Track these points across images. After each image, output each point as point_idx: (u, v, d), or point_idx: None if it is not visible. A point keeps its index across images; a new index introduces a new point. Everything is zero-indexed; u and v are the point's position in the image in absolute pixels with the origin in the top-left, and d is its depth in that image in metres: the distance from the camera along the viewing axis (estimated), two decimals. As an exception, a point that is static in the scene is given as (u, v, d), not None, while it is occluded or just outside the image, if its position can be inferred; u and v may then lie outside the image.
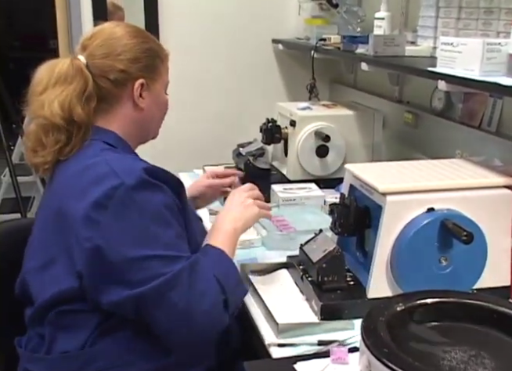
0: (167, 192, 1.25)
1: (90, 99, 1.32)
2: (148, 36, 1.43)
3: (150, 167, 1.27)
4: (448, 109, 2.09)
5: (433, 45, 1.95)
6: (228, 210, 1.44)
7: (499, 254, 1.40)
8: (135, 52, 1.36)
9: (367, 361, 0.97)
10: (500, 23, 1.66)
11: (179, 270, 1.18)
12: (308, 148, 2.17)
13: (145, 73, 1.37)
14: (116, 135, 1.36)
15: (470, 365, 0.98)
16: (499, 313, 1.09)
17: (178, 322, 1.17)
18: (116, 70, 1.34)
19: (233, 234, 1.38)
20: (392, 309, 1.08)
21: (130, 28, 1.41)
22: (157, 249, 1.19)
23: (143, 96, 1.37)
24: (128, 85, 1.35)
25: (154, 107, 1.41)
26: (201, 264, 1.22)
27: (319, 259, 1.40)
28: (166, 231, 1.22)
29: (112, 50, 1.35)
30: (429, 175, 1.42)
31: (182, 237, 1.26)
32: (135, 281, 1.17)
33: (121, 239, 1.18)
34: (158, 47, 1.43)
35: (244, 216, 1.42)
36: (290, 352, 1.25)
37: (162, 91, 1.43)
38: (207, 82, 2.90)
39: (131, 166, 1.25)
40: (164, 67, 1.43)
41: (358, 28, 2.43)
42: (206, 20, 2.83)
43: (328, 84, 3.02)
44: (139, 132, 1.42)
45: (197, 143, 2.90)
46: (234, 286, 1.26)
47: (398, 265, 1.34)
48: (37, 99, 1.31)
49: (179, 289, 1.17)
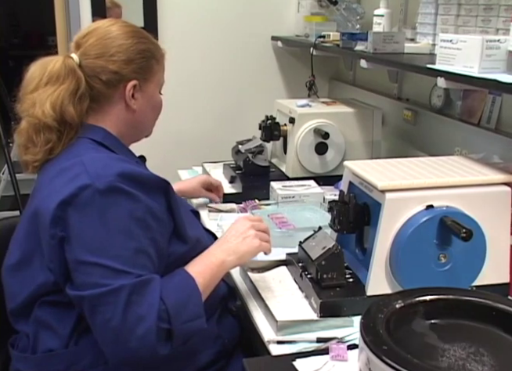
0: (140, 200, 1.21)
1: (82, 99, 1.31)
2: (145, 36, 1.40)
3: (130, 170, 1.23)
4: (448, 106, 2.09)
5: (432, 42, 1.95)
6: (225, 239, 1.38)
7: (498, 251, 1.40)
8: (130, 53, 1.34)
9: (366, 359, 0.97)
10: (499, 19, 1.66)
11: (119, 286, 1.13)
12: (307, 145, 2.17)
13: (138, 75, 1.35)
14: (105, 132, 1.34)
15: (469, 362, 0.98)
16: (498, 310, 1.09)
17: (107, 338, 1.14)
18: (108, 71, 1.32)
19: (219, 266, 1.31)
20: (391, 306, 1.07)
21: (126, 27, 1.38)
22: (105, 258, 1.15)
23: (135, 97, 1.35)
24: (120, 86, 1.34)
25: (147, 108, 1.39)
26: (152, 287, 1.16)
27: (319, 256, 1.40)
28: (123, 242, 1.17)
29: (105, 50, 1.32)
30: (428, 172, 1.42)
31: (143, 253, 1.19)
32: (77, 283, 1.16)
33: (77, 239, 1.17)
34: (154, 47, 1.41)
35: (240, 249, 1.35)
36: (289, 349, 1.25)
37: (156, 91, 1.41)
38: (206, 79, 2.89)
39: (106, 168, 1.22)
40: (159, 68, 1.41)
41: (357, 25, 2.43)
42: (205, 17, 2.83)
43: (327, 82, 3.02)
44: (131, 131, 1.40)
45: (196, 140, 2.90)
46: (187, 319, 1.18)
47: (398, 262, 1.34)
48: (29, 97, 1.30)
49: (114, 306, 1.12)
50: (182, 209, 1.36)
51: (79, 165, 1.22)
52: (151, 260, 1.20)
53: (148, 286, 1.16)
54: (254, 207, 1.98)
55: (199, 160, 2.48)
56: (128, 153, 1.39)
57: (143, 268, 1.18)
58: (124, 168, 1.22)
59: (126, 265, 1.15)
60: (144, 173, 1.26)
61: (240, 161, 2.20)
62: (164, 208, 1.27)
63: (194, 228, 1.39)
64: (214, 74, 2.90)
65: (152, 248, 1.21)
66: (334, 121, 2.18)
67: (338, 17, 2.50)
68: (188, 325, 1.18)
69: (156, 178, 1.27)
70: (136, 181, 1.22)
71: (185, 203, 1.50)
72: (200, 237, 1.39)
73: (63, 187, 1.19)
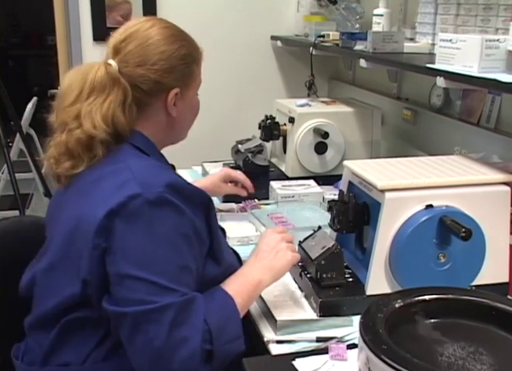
0: (186, 214, 1.16)
1: (131, 108, 1.25)
2: (185, 38, 1.32)
3: (176, 181, 1.19)
4: (447, 105, 2.09)
5: (431, 42, 1.95)
6: (258, 257, 1.33)
7: (497, 251, 1.40)
8: (172, 61, 1.27)
9: (366, 358, 0.97)
10: (499, 19, 1.66)
11: (167, 304, 1.09)
12: (306, 145, 2.17)
13: (180, 83, 1.29)
14: (145, 138, 1.28)
15: (469, 361, 0.98)
16: (497, 310, 1.09)
17: (147, 359, 1.09)
18: (149, 80, 1.25)
19: (257, 285, 1.27)
20: (391, 306, 1.08)
21: (166, 30, 1.29)
22: (152, 274, 1.10)
23: (176, 104, 1.30)
24: (161, 95, 1.28)
25: (187, 112, 1.35)
26: (196, 307, 1.12)
27: (318, 256, 1.40)
28: (170, 258, 1.13)
29: (147, 58, 1.25)
30: (428, 172, 1.42)
31: (187, 270, 1.15)
32: (118, 298, 1.11)
33: (122, 252, 1.12)
34: (194, 49, 1.33)
35: (275, 265, 1.31)
36: (289, 349, 1.26)
37: (195, 95, 1.36)
38: (206, 79, 2.87)
39: (154, 178, 1.17)
40: (198, 70, 1.35)
41: (356, 25, 2.43)
42: (204, 17, 2.83)
43: (327, 81, 3.02)
44: (169, 136, 1.36)
45: (196, 140, 2.86)
46: (228, 340, 1.15)
47: (397, 262, 1.34)
48: (69, 110, 1.22)
49: (159, 325, 1.08)
50: (217, 227, 1.31)
51: (126, 170, 1.18)
52: (193, 278, 1.17)
53: (192, 305, 1.12)
54: (254, 206, 1.98)
55: (198, 160, 2.47)
56: (163, 159, 1.34)
57: (187, 285, 1.14)
58: (171, 179, 1.18)
59: (173, 282, 1.11)
60: (189, 186, 1.22)
61: (240, 161, 2.20)
62: (204, 225, 1.23)
63: (227, 251, 1.35)
64: (213, 74, 2.88)
65: (194, 265, 1.17)
66: (334, 121, 2.18)
67: (338, 17, 2.51)
68: (228, 347, 1.15)
69: (200, 193, 1.24)
70: (183, 194, 1.17)
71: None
72: (232, 262, 1.35)
73: (112, 195, 1.14)
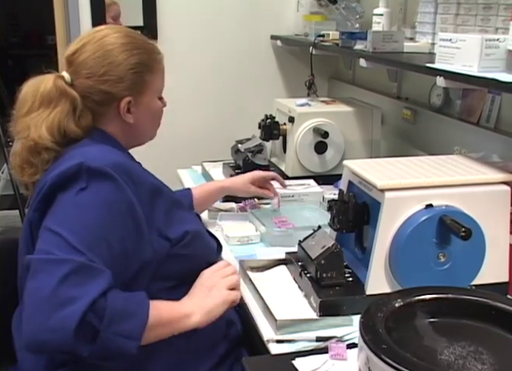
0: (124, 192, 1.19)
1: (84, 115, 1.31)
2: (138, 46, 1.35)
3: (125, 163, 1.23)
4: (447, 105, 2.09)
5: (431, 41, 1.95)
6: (191, 294, 1.29)
7: (497, 250, 1.40)
8: (121, 71, 1.31)
9: (366, 358, 0.97)
10: (499, 19, 1.66)
11: (65, 259, 1.08)
12: (306, 144, 2.17)
13: (132, 91, 1.32)
14: (106, 134, 1.34)
15: (469, 360, 0.98)
16: (497, 309, 1.09)
17: (31, 309, 1.06)
18: (99, 91, 1.30)
19: (183, 317, 1.21)
20: (391, 305, 1.08)
21: (118, 39, 1.33)
22: (67, 231, 1.11)
23: (132, 111, 1.34)
24: (112, 105, 1.32)
25: (145, 118, 1.38)
26: (97, 277, 1.09)
27: (318, 255, 1.40)
28: (90, 225, 1.14)
29: (95, 70, 1.30)
30: (427, 172, 1.42)
31: (105, 243, 1.14)
32: (36, 248, 1.13)
33: (52, 211, 1.16)
34: (148, 57, 1.36)
35: (207, 304, 1.26)
36: (289, 348, 1.25)
37: (153, 100, 1.39)
38: (206, 78, 2.89)
39: (103, 156, 1.22)
40: (155, 77, 1.37)
41: (356, 24, 2.43)
42: (204, 17, 2.83)
43: (327, 81, 3.02)
44: (131, 139, 1.40)
45: (196, 140, 2.90)
46: (120, 333, 1.08)
47: (397, 261, 1.34)
48: (22, 120, 1.29)
49: (50, 276, 1.06)
50: (174, 209, 1.33)
51: (77, 154, 1.22)
52: (110, 254, 1.14)
53: (94, 274, 1.09)
54: (254, 206, 1.97)
55: (198, 160, 2.47)
56: (130, 155, 1.39)
57: (99, 257, 1.12)
58: (121, 160, 1.23)
59: (84, 246, 1.10)
60: (137, 170, 1.26)
61: (240, 160, 2.20)
62: (148, 210, 1.24)
63: (188, 224, 1.35)
64: (213, 73, 2.90)
65: (118, 244, 1.16)
66: (334, 120, 2.18)
67: (337, 16, 2.51)
68: (117, 339, 1.08)
69: (148, 179, 1.28)
70: (128, 175, 1.21)
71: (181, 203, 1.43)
72: (199, 232, 1.37)
73: (61, 166, 1.20)
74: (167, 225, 1.28)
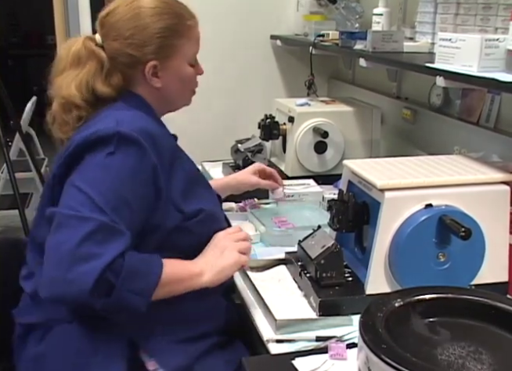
0: (150, 158, 1.23)
1: (112, 75, 1.34)
2: (170, 9, 1.37)
3: (152, 129, 1.27)
4: (447, 105, 2.09)
5: (431, 41, 1.95)
6: (205, 254, 1.34)
7: (497, 250, 1.40)
8: (145, 35, 1.33)
9: (365, 357, 0.97)
10: (498, 18, 1.66)
11: (90, 217, 1.13)
12: (306, 144, 2.17)
13: (157, 55, 1.35)
14: (141, 100, 1.37)
15: (468, 360, 0.98)
16: (497, 309, 1.09)
17: (52, 261, 1.13)
18: (124, 53, 1.34)
19: (195, 275, 1.27)
20: (390, 305, 1.08)
21: (150, 2, 1.35)
22: (93, 191, 1.16)
23: (159, 76, 1.37)
24: (139, 68, 1.35)
25: (174, 83, 1.40)
26: (119, 237, 1.15)
27: (318, 255, 1.40)
28: (117, 188, 1.19)
29: (121, 32, 1.33)
30: (427, 171, 1.42)
31: (128, 206, 1.20)
32: (60, 202, 1.19)
33: (80, 169, 1.21)
34: (178, 21, 1.37)
35: (219, 264, 1.30)
36: (289, 348, 1.25)
37: (182, 65, 1.40)
38: (206, 78, 2.88)
39: (132, 121, 1.26)
40: (184, 41, 1.38)
41: (356, 24, 2.43)
42: (204, 16, 2.81)
43: (326, 81, 3.02)
44: (163, 104, 1.43)
45: (195, 139, 2.89)
46: (133, 290, 1.15)
47: (397, 261, 1.34)
48: (57, 80, 1.35)
49: (73, 232, 1.12)
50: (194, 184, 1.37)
51: (109, 117, 1.27)
52: (132, 217, 1.20)
53: (117, 234, 1.15)
54: (254, 206, 1.97)
55: (198, 159, 2.45)
56: (161, 123, 1.42)
57: (121, 218, 1.17)
58: (149, 127, 1.27)
59: (108, 206, 1.16)
60: (163, 136, 1.31)
61: (239, 160, 2.20)
62: (167, 176, 1.28)
63: (205, 202, 1.37)
64: (213, 73, 2.89)
65: (138, 208, 1.22)
66: (333, 120, 2.18)
67: (337, 16, 2.51)
68: (131, 296, 1.14)
69: (172, 143, 1.36)
70: (154, 141, 1.24)
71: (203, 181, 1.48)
72: (214, 213, 1.39)
73: (88, 129, 1.25)
74: (183, 198, 1.31)
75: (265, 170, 1.91)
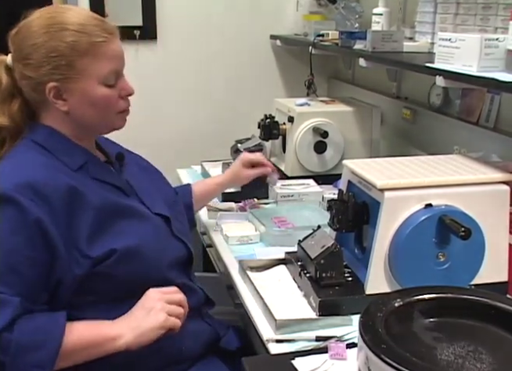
0: (31, 213, 1.12)
1: (8, 100, 1.27)
2: (69, 24, 1.23)
3: (34, 180, 1.15)
4: (446, 105, 2.09)
5: (431, 41, 1.95)
6: (129, 313, 1.22)
7: (496, 250, 1.40)
8: (40, 55, 1.22)
9: (365, 357, 0.97)
10: (498, 18, 1.66)
11: None
12: (306, 144, 2.17)
13: (55, 76, 1.22)
14: (50, 131, 1.27)
15: (468, 360, 0.98)
16: (496, 309, 1.09)
17: None
18: (25, 75, 1.24)
19: (109, 340, 1.17)
20: (390, 305, 1.08)
21: (47, 20, 1.24)
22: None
23: (64, 98, 1.24)
24: (40, 90, 1.24)
25: (82, 106, 1.26)
26: (5, 309, 1.07)
27: (317, 255, 1.40)
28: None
29: (22, 53, 1.24)
30: (427, 171, 1.42)
31: (14, 271, 1.11)
32: None
33: None
34: (77, 39, 1.22)
35: (142, 325, 1.19)
36: (288, 348, 1.25)
37: (91, 86, 1.25)
38: (205, 78, 2.89)
39: (11, 175, 1.17)
40: (91, 60, 1.23)
41: (356, 24, 2.43)
42: (204, 16, 2.82)
43: (326, 80, 3.02)
44: (79, 128, 1.30)
45: (195, 139, 2.90)
46: (29, 363, 1.07)
47: (396, 261, 1.34)
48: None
49: None
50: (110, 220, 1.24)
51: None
52: (21, 280, 1.11)
53: (0, 306, 1.08)
54: (253, 205, 1.97)
55: (198, 159, 2.48)
56: (77, 153, 1.29)
57: (6, 286, 1.10)
58: (30, 177, 1.16)
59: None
60: (49, 182, 1.17)
61: (239, 160, 2.20)
62: (64, 225, 1.16)
63: (123, 238, 1.24)
64: (212, 73, 2.89)
65: (29, 268, 1.12)
66: (333, 120, 2.18)
67: (337, 16, 2.51)
68: (28, 369, 1.08)
69: (62, 187, 1.18)
70: (39, 193, 1.14)
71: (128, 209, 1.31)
72: (134, 249, 1.25)
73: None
74: (89, 241, 1.19)
75: (252, 159, 1.83)
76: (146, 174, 1.51)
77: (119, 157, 1.42)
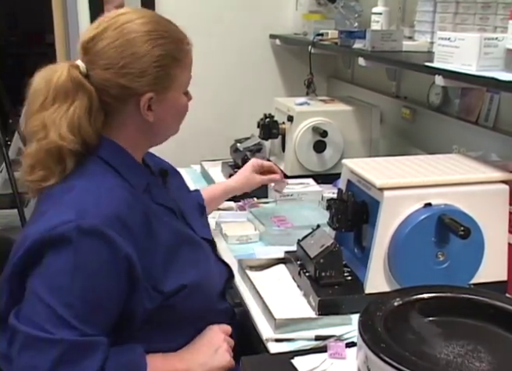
0: (121, 251, 1.08)
1: (98, 115, 1.17)
2: (164, 34, 1.19)
3: (120, 211, 1.10)
4: (446, 104, 2.09)
5: (430, 40, 1.95)
6: (196, 348, 1.24)
7: (495, 249, 1.40)
8: (143, 65, 1.15)
9: (364, 356, 0.97)
10: (497, 17, 1.66)
11: (58, 339, 1.02)
12: (305, 143, 2.17)
13: (154, 86, 1.17)
14: (115, 148, 1.20)
15: (467, 359, 0.98)
16: (495, 308, 1.09)
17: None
18: (118, 85, 1.15)
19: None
20: (389, 304, 1.08)
21: (141, 26, 1.17)
22: (59, 304, 1.03)
23: (153, 109, 1.19)
24: (132, 100, 1.18)
25: (169, 115, 1.24)
26: (94, 352, 1.05)
27: (317, 254, 1.40)
28: (84, 293, 1.05)
29: (115, 61, 1.14)
30: (426, 170, 1.42)
31: (101, 310, 1.08)
32: (22, 312, 1.06)
33: (43, 271, 1.06)
34: (176, 46, 1.20)
35: (211, 363, 1.22)
36: (288, 347, 1.25)
37: (178, 96, 1.24)
38: (205, 77, 2.89)
39: (96, 206, 1.09)
40: (182, 69, 1.22)
41: (355, 23, 2.43)
42: (203, 15, 2.82)
43: (325, 80, 3.02)
44: (150, 139, 1.27)
45: (195, 138, 2.89)
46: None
47: (396, 260, 1.34)
48: (37, 117, 1.14)
49: (44, 356, 1.01)
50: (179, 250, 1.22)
51: (73, 194, 1.11)
52: (108, 318, 1.10)
53: (91, 349, 1.05)
54: (253, 205, 1.97)
55: (197, 159, 2.48)
56: (140, 173, 1.25)
57: (95, 326, 1.07)
58: (116, 209, 1.10)
59: (76, 319, 1.04)
60: (131, 213, 1.12)
61: (239, 159, 2.20)
62: (146, 258, 1.14)
63: (189, 269, 1.23)
64: (212, 72, 2.89)
65: (114, 305, 1.10)
66: (333, 119, 2.18)
67: (336, 15, 2.51)
68: None
69: (140, 216, 1.14)
70: (126, 226, 1.10)
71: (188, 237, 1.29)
72: (199, 282, 1.24)
73: (50, 218, 1.09)
74: (163, 273, 1.17)
75: (263, 165, 1.84)
76: (178, 185, 1.46)
77: (163, 173, 1.38)
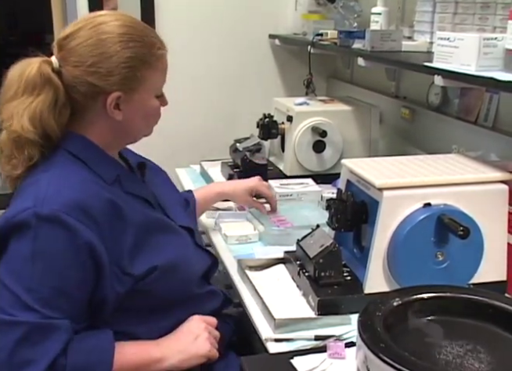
0: (81, 238, 1.10)
1: (63, 110, 1.21)
2: (138, 36, 1.23)
3: (82, 200, 1.12)
4: (445, 104, 2.09)
5: (430, 40, 1.95)
6: (175, 336, 1.27)
7: (495, 249, 1.40)
8: (111, 63, 1.19)
9: (364, 356, 0.97)
10: (497, 18, 1.66)
11: (20, 321, 1.05)
12: (304, 143, 2.17)
13: (121, 86, 1.21)
14: (85, 142, 1.24)
15: (467, 359, 0.98)
16: (495, 308, 1.09)
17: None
18: (86, 82, 1.19)
19: (155, 361, 1.20)
20: (389, 304, 1.08)
21: (116, 28, 1.21)
22: (20, 288, 1.07)
23: (121, 108, 1.23)
24: (99, 99, 1.21)
25: (137, 117, 1.27)
26: (55, 334, 1.07)
27: (316, 254, 1.41)
28: (44, 278, 1.08)
29: (84, 59, 1.18)
30: (426, 170, 1.43)
31: (63, 294, 1.10)
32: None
33: (5, 256, 1.11)
34: (148, 50, 1.24)
35: (189, 351, 1.24)
36: (287, 347, 1.26)
37: (148, 98, 1.27)
38: (204, 77, 2.89)
39: (58, 194, 1.12)
40: (153, 72, 1.25)
41: (354, 23, 2.43)
42: (202, 15, 2.82)
43: (325, 80, 3.02)
44: (120, 139, 1.30)
45: (194, 138, 2.90)
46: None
47: (395, 260, 1.34)
48: (7, 106, 1.20)
49: (6, 338, 1.05)
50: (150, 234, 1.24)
51: (38, 183, 1.16)
52: (70, 302, 1.11)
53: (53, 331, 1.07)
54: (252, 205, 1.97)
55: (197, 159, 2.48)
56: (110, 165, 1.28)
57: (57, 310, 1.09)
58: (77, 196, 1.13)
59: (38, 303, 1.07)
60: (95, 201, 1.15)
61: (238, 159, 2.20)
62: (111, 242, 1.16)
63: (162, 252, 1.25)
64: (211, 72, 2.89)
65: (77, 290, 1.12)
66: (332, 119, 2.18)
67: (336, 15, 2.51)
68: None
69: (105, 204, 1.16)
70: (87, 213, 1.12)
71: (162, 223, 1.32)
72: (174, 264, 1.26)
73: (15, 206, 1.14)
74: (131, 258, 1.19)
75: (263, 193, 1.84)
76: (161, 181, 1.49)
77: (141, 166, 1.41)
